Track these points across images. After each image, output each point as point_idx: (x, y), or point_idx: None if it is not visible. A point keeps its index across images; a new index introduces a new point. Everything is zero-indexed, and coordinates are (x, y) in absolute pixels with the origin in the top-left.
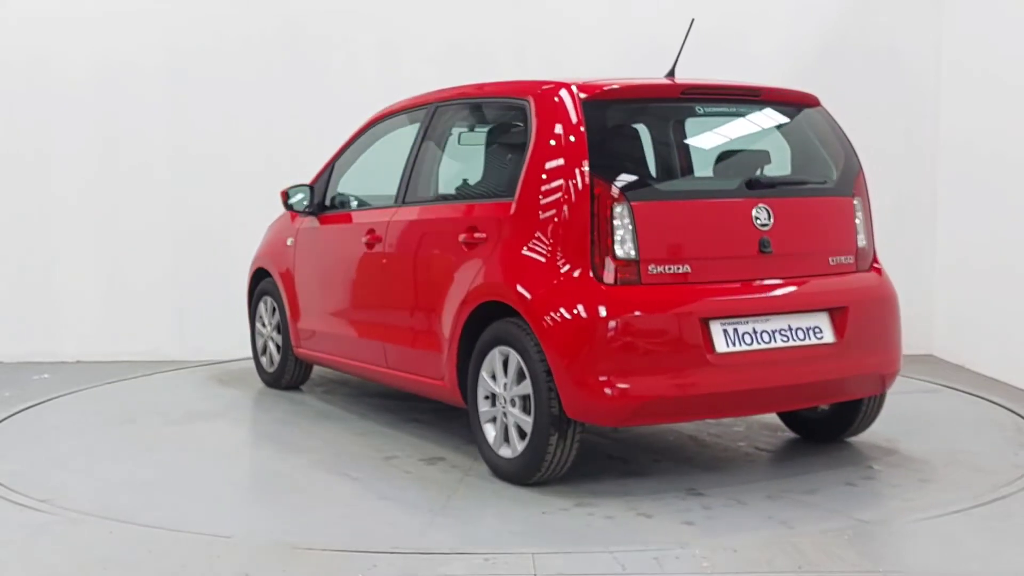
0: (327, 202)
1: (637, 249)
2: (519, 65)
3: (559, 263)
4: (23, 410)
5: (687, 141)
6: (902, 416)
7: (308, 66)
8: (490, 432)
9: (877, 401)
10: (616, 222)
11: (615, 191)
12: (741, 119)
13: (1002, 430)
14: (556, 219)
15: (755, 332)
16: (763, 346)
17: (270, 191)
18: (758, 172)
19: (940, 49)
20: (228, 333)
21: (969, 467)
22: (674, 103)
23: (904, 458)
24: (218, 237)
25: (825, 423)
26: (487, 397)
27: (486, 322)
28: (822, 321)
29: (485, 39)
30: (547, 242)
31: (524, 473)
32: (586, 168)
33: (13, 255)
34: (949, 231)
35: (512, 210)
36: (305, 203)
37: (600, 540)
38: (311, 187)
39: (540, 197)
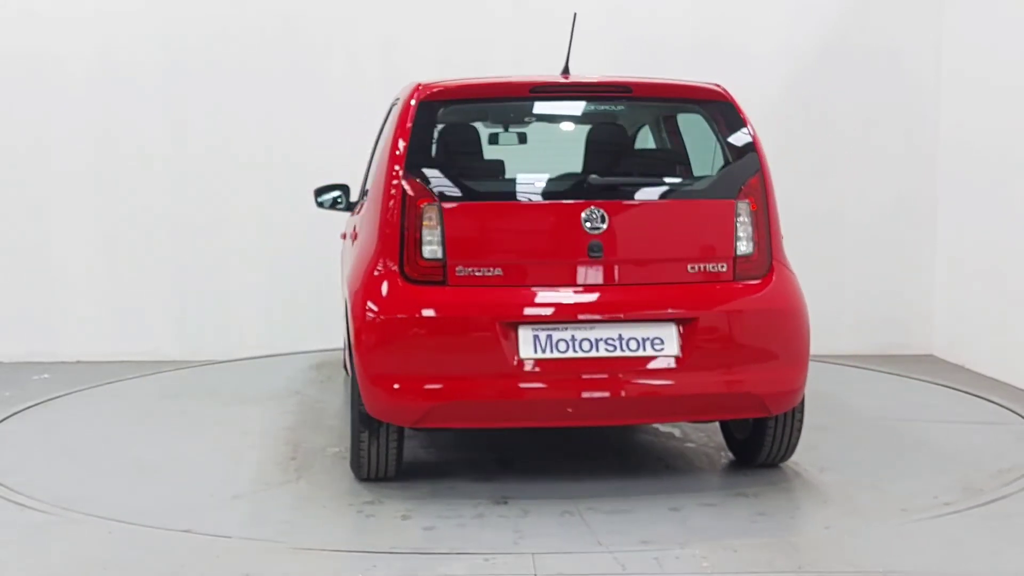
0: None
1: (444, 250)
2: (518, 65)
3: (377, 262)
4: (23, 410)
5: (532, 141)
6: (902, 416)
7: (307, 64)
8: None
9: (785, 426)
10: (425, 223)
11: (425, 192)
12: (603, 117)
13: (1001, 430)
14: (379, 219)
15: (573, 340)
16: (581, 355)
17: (270, 191)
18: (596, 174)
19: (940, 49)
20: (228, 333)
21: (969, 467)
22: (524, 102)
23: (904, 458)
24: (218, 237)
25: (743, 446)
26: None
27: None
28: (667, 333)
29: (485, 39)
30: (372, 241)
31: (354, 470)
32: (400, 169)
33: (13, 255)
34: (949, 231)
35: (360, 209)
36: (340, 201)
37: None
38: (345, 185)
39: (374, 197)
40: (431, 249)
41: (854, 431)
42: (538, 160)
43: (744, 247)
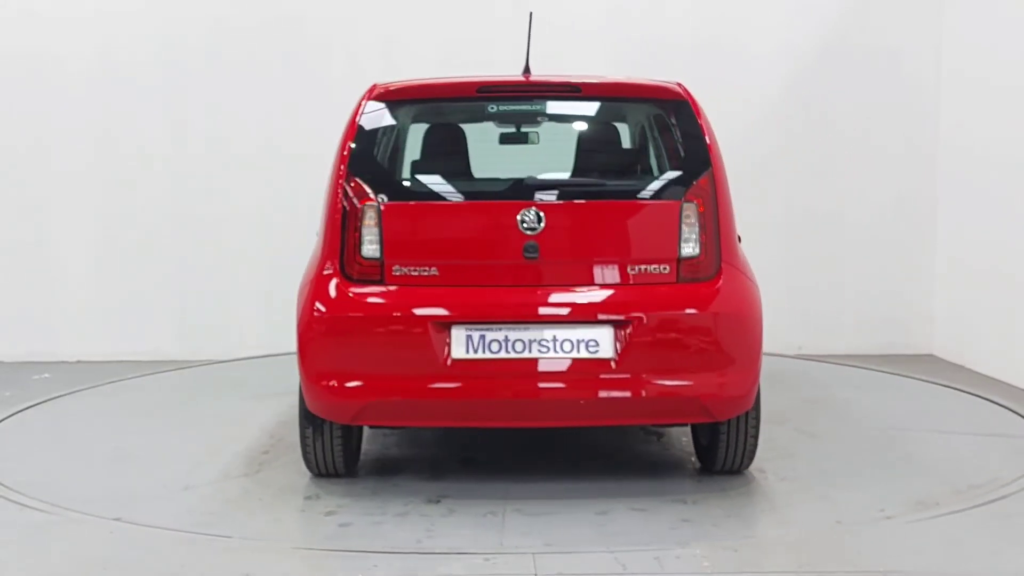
0: None
1: (382, 249)
2: (518, 65)
3: (324, 261)
4: (23, 410)
5: (479, 142)
6: (902, 416)
7: (308, 64)
8: None
9: (739, 432)
10: (364, 222)
11: (365, 192)
12: (549, 117)
13: (1001, 430)
14: (326, 219)
15: (506, 340)
16: (513, 355)
17: (271, 191)
18: (534, 174)
19: (940, 50)
20: (228, 333)
21: (969, 467)
22: (471, 102)
23: (904, 458)
24: (218, 237)
25: (704, 452)
26: None
27: None
28: (602, 335)
29: (485, 38)
30: (320, 240)
31: (305, 465)
32: (344, 169)
33: (13, 255)
34: (949, 231)
35: (321, 209)
36: None
37: (600, 540)
38: None
39: (324, 198)
40: (369, 249)
41: (841, 439)
42: (484, 161)
43: (689, 249)
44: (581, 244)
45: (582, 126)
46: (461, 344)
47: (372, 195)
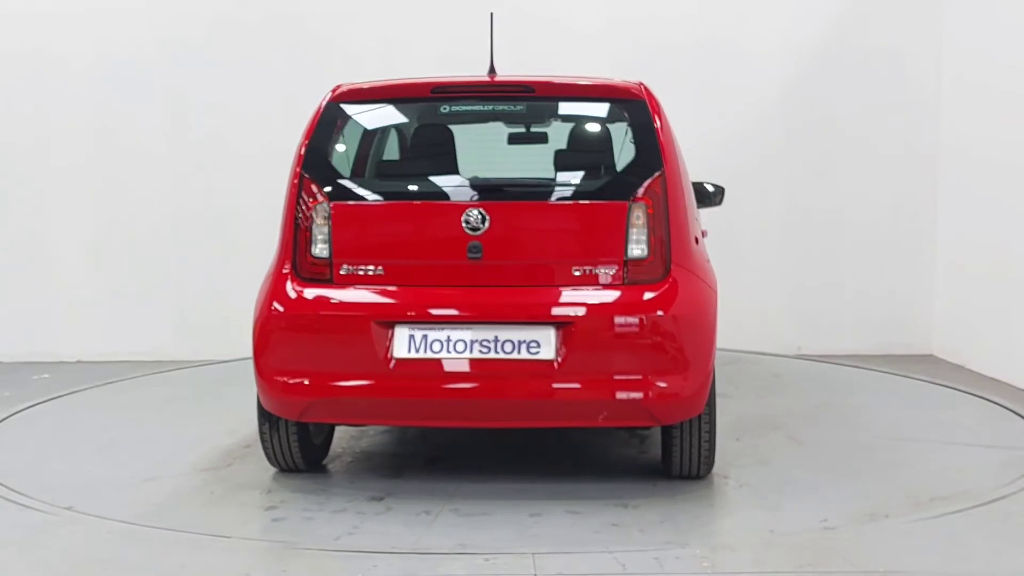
0: None
1: (331, 248)
2: (520, 65)
3: (282, 260)
4: (23, 410)
5: (433, 142)
6: (902, 416)
7: (307, 61)
8: None
9: (692, 438)
10: (315, 221)
11: (317, 192)
12: (501, 118)
13: (1002, 430)
14: (283, 218)
15: (448, 340)
16: (454, 355)
17: (271, 190)
18: (479, 174)
19: (941, 50)
20: (228, 333)
21: (969, 467)
22: (425, 103)
23: (903, 458)
24: (218, 237)
25: (663, 457)
26: None
27: None
28: (544, 336)
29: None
30: (278, 239)
31: (267, 460)
32: (299, 169)
33: (13, 255)
34: (949, 231)
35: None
36: None
37: (601, 540)
38: None
39: (284, 197)
40: (319, 248)
41: (828, 447)
42: (436, 161)
43: (637, 250)
44: (525, 245)
45: (533, 126)
46: (403, 344)
47: (323, 195)
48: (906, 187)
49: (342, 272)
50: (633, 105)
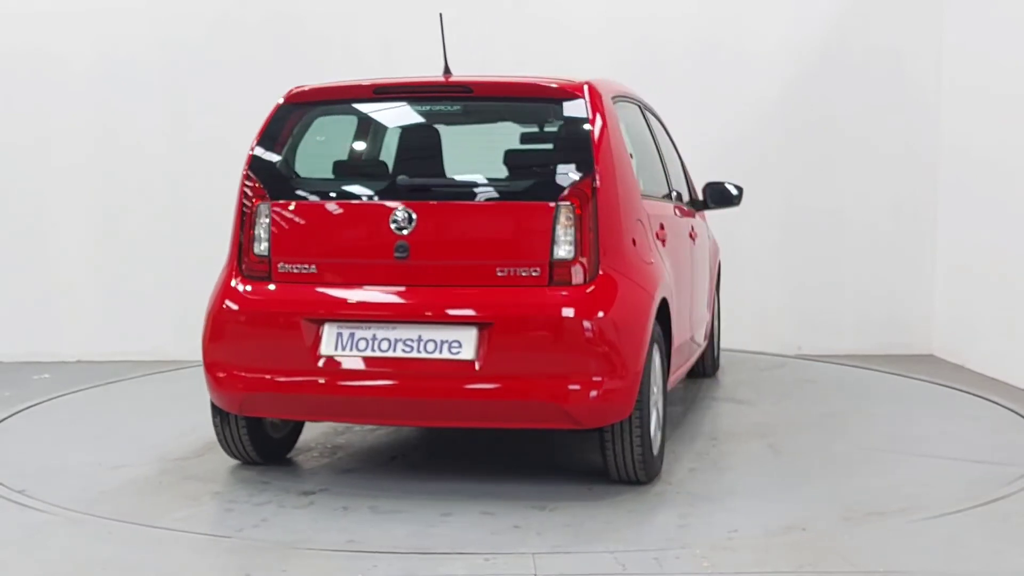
0: None
1: (269, 246)
2: (520, 65)
3: (231, 258)
4: (23, 410)
5: (376, 142)
6: (902, 416)
7: (307, 61)
8: None
9: (623, 442)
10: (257, 220)
11: (260, 191)
12: (439, 118)
13: (1002, 430)
14: (233, 217)
15: (374, 339)
16: (379, 354)
17: None
18: (409, 174)
19: (941, 51)
20: None
21: (969, 467)
22: (369, 103)
23: (903, 459)
24: (218, 237)
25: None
26: None
27: None
28: (465, 336)
29: (486, 36)
30: (230, 237)
31: (225, 453)
32: (247, 169)
33: (13, 255)
34: (949, 231)
35: None
36: None
37: (600, 540)
38: None
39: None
40: (260, 246)
41: (797, 458)
42: (372, 161)
43: (562, 252)
44: (451, 245)
45: (470, 126)
46: (331, 341)
47: (265, 195)
48: (906, 187)
49: (280, 270)
50: (570, 105)
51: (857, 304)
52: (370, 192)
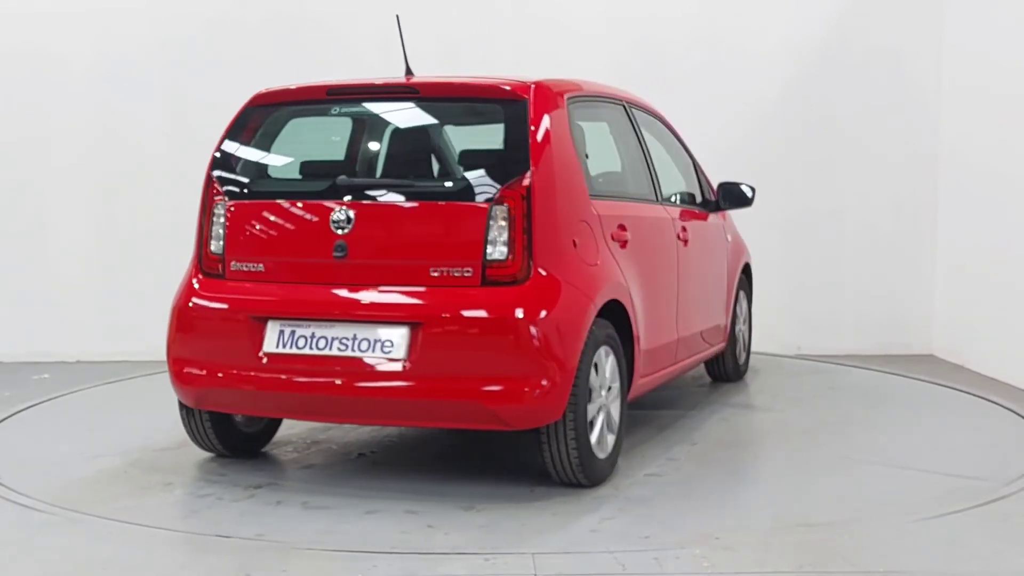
0: None
1: (223, 245)
2: (519, 65)
3: (195, 256)
4: (23, 410)
5: (331, 142)
6: (901, 416)
7: (307, 60)
8: None
9: (560, 445)
10: (215, 219)
11: (218, 190)
12: (386, 119)
13: (1001, 430)
14: (197, 215)
15: (312, 337)
16: (315, 352)
17: None
18: (349, 175)
19: (941, 51)
20: None
21: (969, 467)
22: (322, 104)
23: (903, 459)
24: None
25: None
26: None
27: None
28: (397, 335)
29: (486, 35)
30: (195, 236)
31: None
32: (209, 169)
33: (13, 255)
34: (949, 231)
35: None
36: None
37: (600, 540)
38: None
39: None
40: (215, 244)
41: (764, 467)
42: (318, 161)
43: (495, 252)
44: (387, 245)
45: (414, 127)
46: (273, 339)
47: (222, 194)
48: (906, 188)
49: (232, 268)
50: (512, 105)
51: (857, 304)
52: (314, 192)
